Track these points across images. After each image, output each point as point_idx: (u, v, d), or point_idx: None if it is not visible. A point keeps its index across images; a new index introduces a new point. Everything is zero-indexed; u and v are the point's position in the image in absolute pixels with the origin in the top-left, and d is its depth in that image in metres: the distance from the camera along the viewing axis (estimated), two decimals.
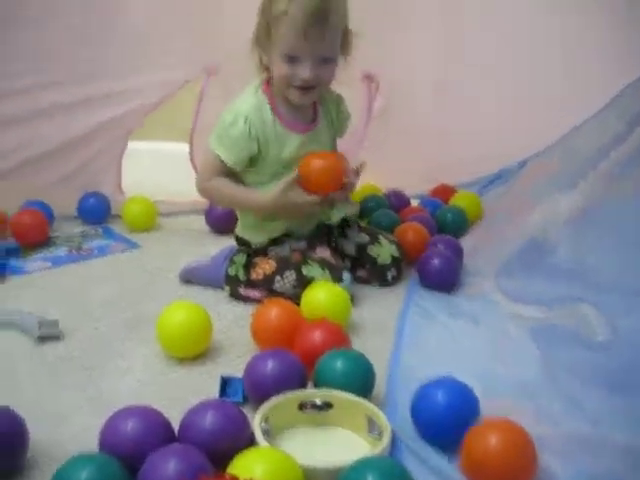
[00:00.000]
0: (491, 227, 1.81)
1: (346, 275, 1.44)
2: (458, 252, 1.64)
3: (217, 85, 1.93)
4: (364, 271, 1.58)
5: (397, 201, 2.01)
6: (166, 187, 2.06)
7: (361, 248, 1.59)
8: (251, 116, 1.43)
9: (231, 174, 1.48)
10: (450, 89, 2.04)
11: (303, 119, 1.50)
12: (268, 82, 1.48)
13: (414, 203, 2.04)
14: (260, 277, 1.46)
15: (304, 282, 1.41)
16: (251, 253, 1.53)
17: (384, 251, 1.58)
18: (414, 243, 1.66)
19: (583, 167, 1.74)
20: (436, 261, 1.53)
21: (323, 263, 1.44)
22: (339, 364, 1.07)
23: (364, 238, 1.60)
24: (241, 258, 1.51)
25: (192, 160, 2.01)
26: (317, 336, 1.15)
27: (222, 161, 1.45)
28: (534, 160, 2.04)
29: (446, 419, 0.96)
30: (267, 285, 1.45)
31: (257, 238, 1.54)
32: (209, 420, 0.92)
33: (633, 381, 1.07)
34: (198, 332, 1.22)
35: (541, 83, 1.98)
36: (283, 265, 1.46)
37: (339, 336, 1.17)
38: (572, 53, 1.92)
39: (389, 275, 1.57)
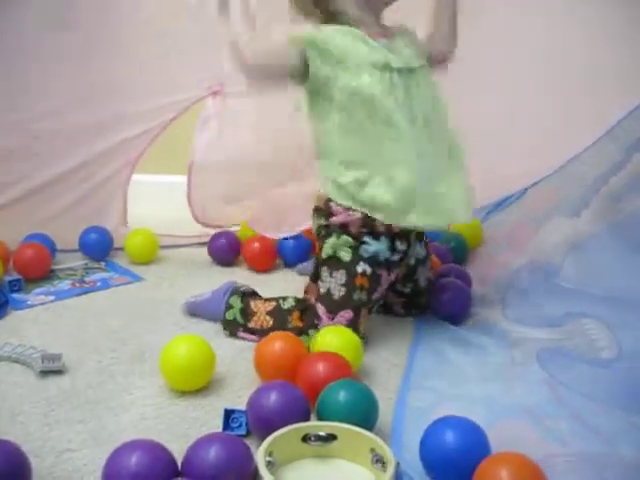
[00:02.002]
0: (494, 255, 1.82)
1: None
2: (467, 282, 1.63)
3: (220, 105, 1.94)
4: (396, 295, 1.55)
5: None
6: (169, 220, 2.07)
7: (417, 263, 1.53)
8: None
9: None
10: (452, 116, 2.05)
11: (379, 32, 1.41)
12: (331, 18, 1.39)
13: None
14: (257, 327, 1.44)
15: None
16: (248, 292, 1.52)
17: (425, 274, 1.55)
18: None
19: (585, 194, 1.76)
20: (450, 293, 1.52)
21: None
22: (341, 395, 1.06)
23: (422, 253, 1.54)
24: (237, 301, 1.48)
25: (189, 188, 2.03)
26: (320, 368, 1.14)
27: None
28: (535, 187, 2.05)
29: (455, 461, 0.94)
30: (264, 335, 1.36)
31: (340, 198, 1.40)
32: (213, 454, 0.91)
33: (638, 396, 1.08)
34: (201, 365, 1.22)
35: (542, 112, 1.99)
36: (280, 325, 1.41)
37: (342, 368, 1.16)
38: (576, 82, 1.94)
39: (422, 300, 1.55)
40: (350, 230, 1.40)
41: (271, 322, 1.43)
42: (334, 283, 1.40)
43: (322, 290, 1.41)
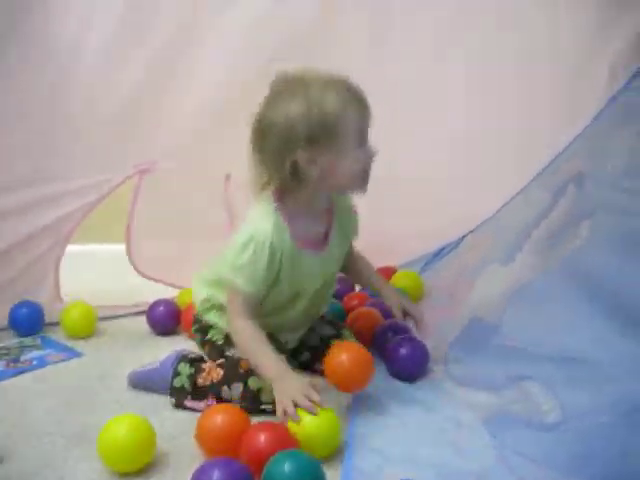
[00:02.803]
0: (434, 307, 1.82)
1: None
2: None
3: (151, 183, 1.94)
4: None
5: (342, 287, 1.98)
6: (105, 290, 2.04)
7: (324, 340, 1.56)
8: (274, 241, 1.36)
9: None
10: (386, 169, 2.05)
11: (318, 234, 1.46)
12: (280, 198, 1.40)
13: (357, 288, 2.04)
14: (207, 383, 1.42)
15: (251, 394, 1.38)
16: (197, 358, 1.50)
17: None
18: (365, 329, 1.64)
19: (517, 239, 1.78)
20: (406, 350, 1.50)
21: None
22: (287, 467, 1.04)
23: (329, 331, 1.58)
24: (186, 368, 1.46)
25: (130, 257, 2.01)
26: (263, 440, 1.12)
27: (244, 293, 1.37)
28: (471, 235, 2.07)
29: None
30: (214, 393, 1.40)
31: (222, 320, 1.50)
32: None
33: (583, 462, 1.08)
34: (140, 446, 1.17)
35: (476, 160, 2.01)
36: (231, 375, 1.41)
37: (286, 440, 1.13)
38: (506, 129, 1.98)
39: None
40: None
41: (222, 373, 1.42)
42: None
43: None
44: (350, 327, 1.64)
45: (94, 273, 2.10)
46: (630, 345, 1.31)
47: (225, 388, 1.40)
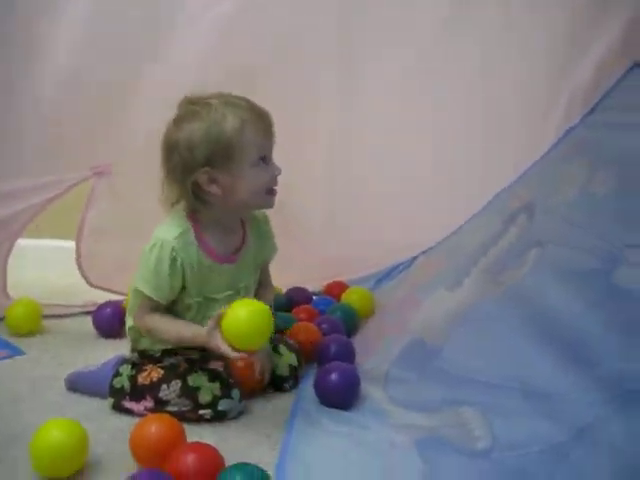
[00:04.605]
0: (381, 325, 1.83)
1: (235, 393, 1.41)
2: (350, 354, 1.64)
3: (107, 184, 1.92)
4: None
5: (298, 298, 2.00)
6: (52, 287, 2.03)
7: None
8: (177, 247, 1.38)
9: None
10: (344, 185, 2.07)
11: (229, 247, 1.47)
12: (191, 213, 1.43)
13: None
14: (147, 383, 1.43)
15: (189, 392, 1.39)
16: (138, 362, 1.49)
17: (282, 362, 1.56)
18: (306, 344, 1.65)
19: (466, 264, 1.80)
20: (334, 377, 1.46)
21: (213, 375, 1.40)
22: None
23: None
24: (127, 369, 1.46)
25: (78, 260, 1.99)
26: (191, 461, 1.12)
27: (150, 299, 1.40)
28: (423, 256, 2.09)
29: None
30: (153, 392, 1.41)
31: (155, 346, 1.50)
32: None
33: None
34: (70, 453, 1.17)
35: (433, 180, 2.04)
36: (170, 374, 1.42)
37: (216, 461, 1.14)
38: (461, 151, 2.00)
39: (287, 386, 1.55)
40: None
41: (162, 372, 1.43)
42: None
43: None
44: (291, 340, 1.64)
45: (43, 269, 2.08)
46: (569, 375, 1.34)
47: (164, 387, 1.41)
